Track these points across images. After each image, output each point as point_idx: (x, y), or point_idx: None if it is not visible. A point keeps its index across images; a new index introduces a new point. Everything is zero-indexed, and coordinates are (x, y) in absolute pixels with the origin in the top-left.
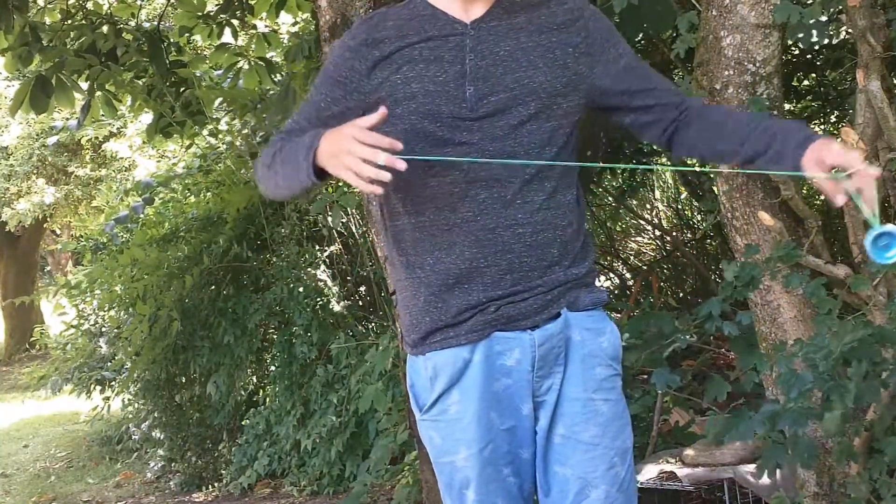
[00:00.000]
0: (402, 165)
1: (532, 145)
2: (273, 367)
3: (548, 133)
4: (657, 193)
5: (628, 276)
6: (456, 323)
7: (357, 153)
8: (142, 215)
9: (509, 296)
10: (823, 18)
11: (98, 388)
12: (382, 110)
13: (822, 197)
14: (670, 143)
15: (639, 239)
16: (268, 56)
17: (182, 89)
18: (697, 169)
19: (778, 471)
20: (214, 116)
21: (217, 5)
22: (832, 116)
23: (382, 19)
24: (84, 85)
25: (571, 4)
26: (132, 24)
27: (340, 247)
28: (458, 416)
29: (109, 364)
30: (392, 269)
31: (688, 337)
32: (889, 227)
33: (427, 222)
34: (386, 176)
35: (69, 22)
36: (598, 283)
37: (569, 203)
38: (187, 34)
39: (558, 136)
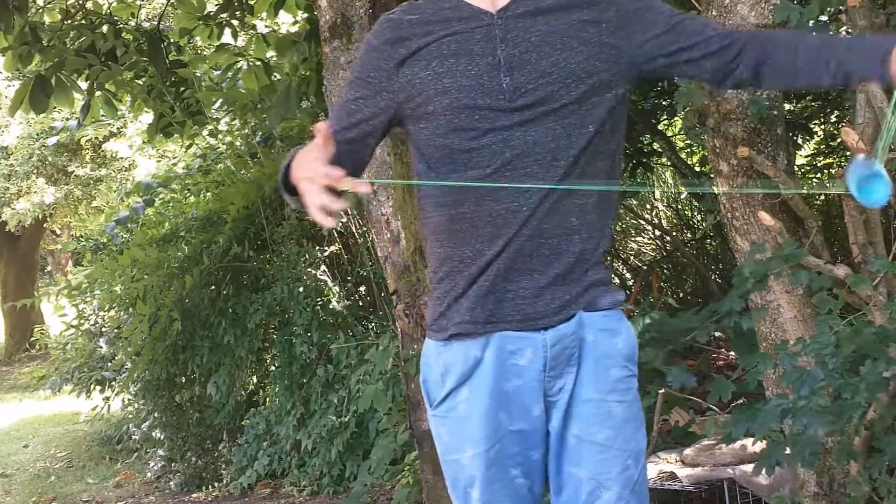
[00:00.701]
0: (365, 189)
1: (573, 126)
2: (273, 367)
3: (588, 111)
4: (657, 193)
5: (628, 276)
6: (491, 312)
7: (314, 181)
8: (142, 216)
9: (532, 286)
10: (823, 18)
11: (98, 388)
12: (322, 127)
13: (822, 197)
14: (756, 76)
15: (639, 239)
16: (267, 56)
17: (182, 89)
18: (697, 170)
19: (778, 470)
20: (214, 117)
21: (217, 5)
22: (832, 116)
23: (405, 15)
24: (84, 85)
25: None
26: (132, 24)
27: (340, 247)
28: (467, 415)
29: (109, 364)
30: (429, 260)
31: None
32: (878, 165)
33: (468, 213)
34: (338, 205)
35: (69, 22)
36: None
37: (597, 174)
38: (187, 35)
39: (600, 113)
